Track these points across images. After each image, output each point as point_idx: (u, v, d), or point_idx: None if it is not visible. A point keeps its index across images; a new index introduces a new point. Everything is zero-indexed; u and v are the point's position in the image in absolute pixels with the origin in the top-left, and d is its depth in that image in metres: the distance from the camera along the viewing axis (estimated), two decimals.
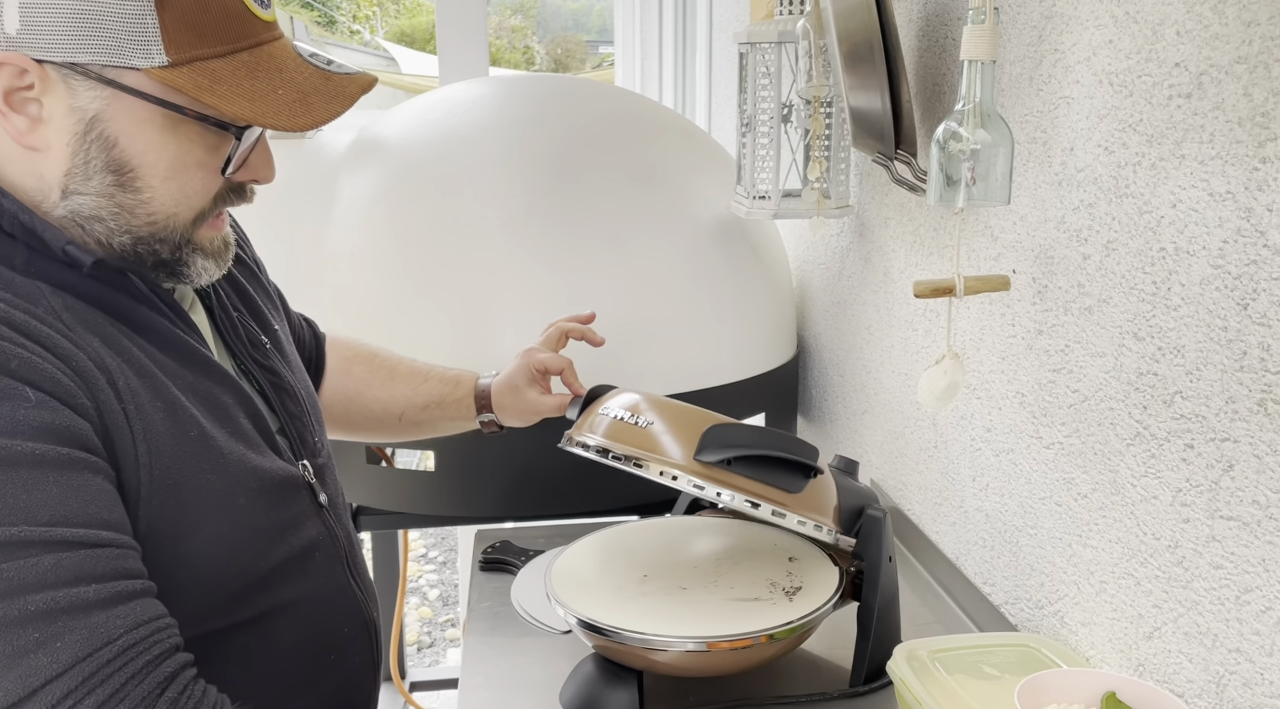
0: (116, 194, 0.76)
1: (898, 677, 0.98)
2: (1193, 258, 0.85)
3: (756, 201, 1.52)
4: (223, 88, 0.74)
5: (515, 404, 1.24)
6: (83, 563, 0.68)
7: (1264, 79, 0.76)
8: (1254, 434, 0.79)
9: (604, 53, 18.77)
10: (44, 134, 0.74)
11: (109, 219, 0.77)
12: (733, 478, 0.96)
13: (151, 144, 0.75)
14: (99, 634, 0.68)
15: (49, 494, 0.68)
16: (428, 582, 4.09)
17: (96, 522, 0.70)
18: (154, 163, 0.76)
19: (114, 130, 0.74)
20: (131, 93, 0.73)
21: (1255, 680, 0.80)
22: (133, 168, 0.75)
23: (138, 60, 0.72)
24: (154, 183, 0.76)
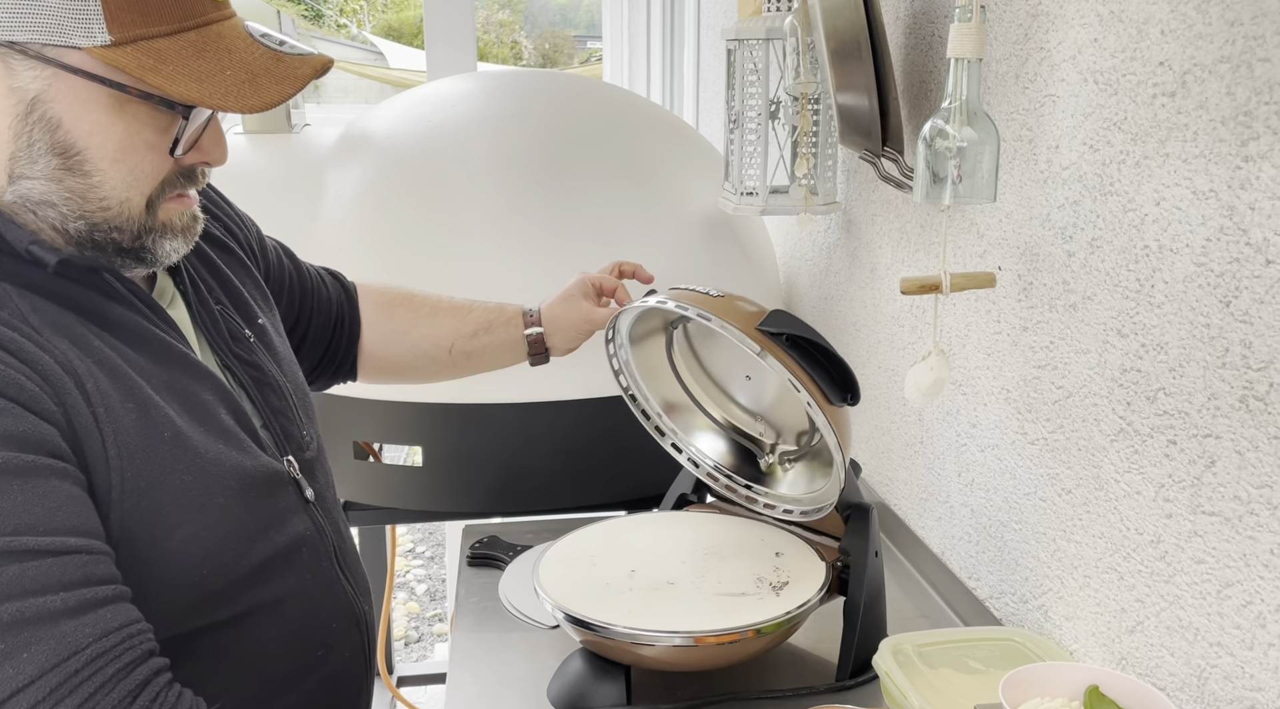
0: (65, 178, 0.74)
1: (883, 671, 0.99)
2: (1176, 255, 0.85)
3: (744, 198, 1.52)
4: (168, 68, 0.72)
5: (568, 314, 1.23)
6: (49, 571, 0.67)
7: (1247, 78, 0.77)
8: (1235, 430, 0.80)
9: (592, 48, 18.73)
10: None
11: (60, 204, 0.75)
12: (785, 356, 0.99)
13: (98, 125, 0.73)
14: (67, 643, 0.66)
15: (13, 502, 0.67)
16: (415, 577, 4.09)
17: (64, 528, 0.68)
18: (101, 145, 0.74)
19: (57, 111, 0.72)
20: (74, 72, 0.71)
21: (1236, 674, 0.81)
22: (79, 151, 0.73)
23: (79, 39, 0.70)
24: (103, 166, 0.74)
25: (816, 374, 1.00)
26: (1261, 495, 0.77)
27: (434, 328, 1.24)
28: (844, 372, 1.01)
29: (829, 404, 1.00)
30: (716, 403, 1.24)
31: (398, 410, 1.50)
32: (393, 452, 1.63)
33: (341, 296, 1.22)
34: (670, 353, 1.23)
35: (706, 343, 1.21)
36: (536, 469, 1.51)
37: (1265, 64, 0.75)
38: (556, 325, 1.24)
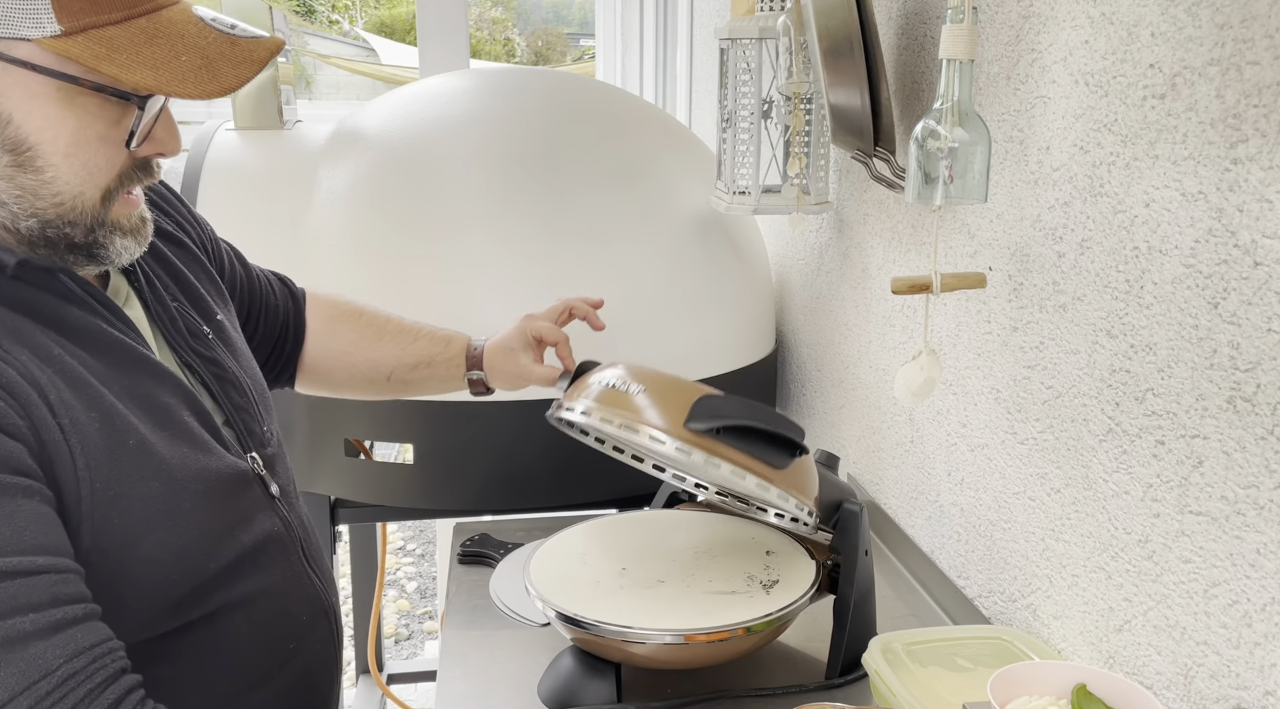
0: (16, 175, 0.72)
1: (873, 669, 0.99)
2: (1165, 257, 0.86)
3: (736, 197, 1.53)
4: (121, 56, 0.70)
5: (506, 367, 1.21)
6: (18, 593, 0.65)
7: (1236, 81, 0.77)
8: (1223, 431, 0.80)
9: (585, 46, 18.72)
10: None
11: (11, 202, 0.73)
12: (720, 448, 0.95)
13: (49, 119, 0.71)
14: (37, 665, 0.65)
15: None
16: (406, 574, 4.08)
17: (31, 547, 0.67)
18: (53, 139, 0.71)
19: (6, 107, 0.70)
20: (23, 65, 0.69)
21: (1222, 673, 0.82)
22: (30, 146, 0.71)
23: (28, 30, 0.67)
24: (55, 161, 0.72)
25: (757, 450, 0.96)
26: (1248, 495, 0.78)
27: (376, 353, 1.22)
28: (784, 434, 0.97)
29: (778, 471, 0.97)
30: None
31: (388, 408, 1.50)
32: (383, 449, 1.63)
33: (289, 304, 1.21)
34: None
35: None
36: (527, 467, 1.51)
37: (1254, 67, 0.75)
38: (494, 372, 1.23)
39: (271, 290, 1.19)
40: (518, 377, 1.21)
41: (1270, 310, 0.75)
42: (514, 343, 1.21)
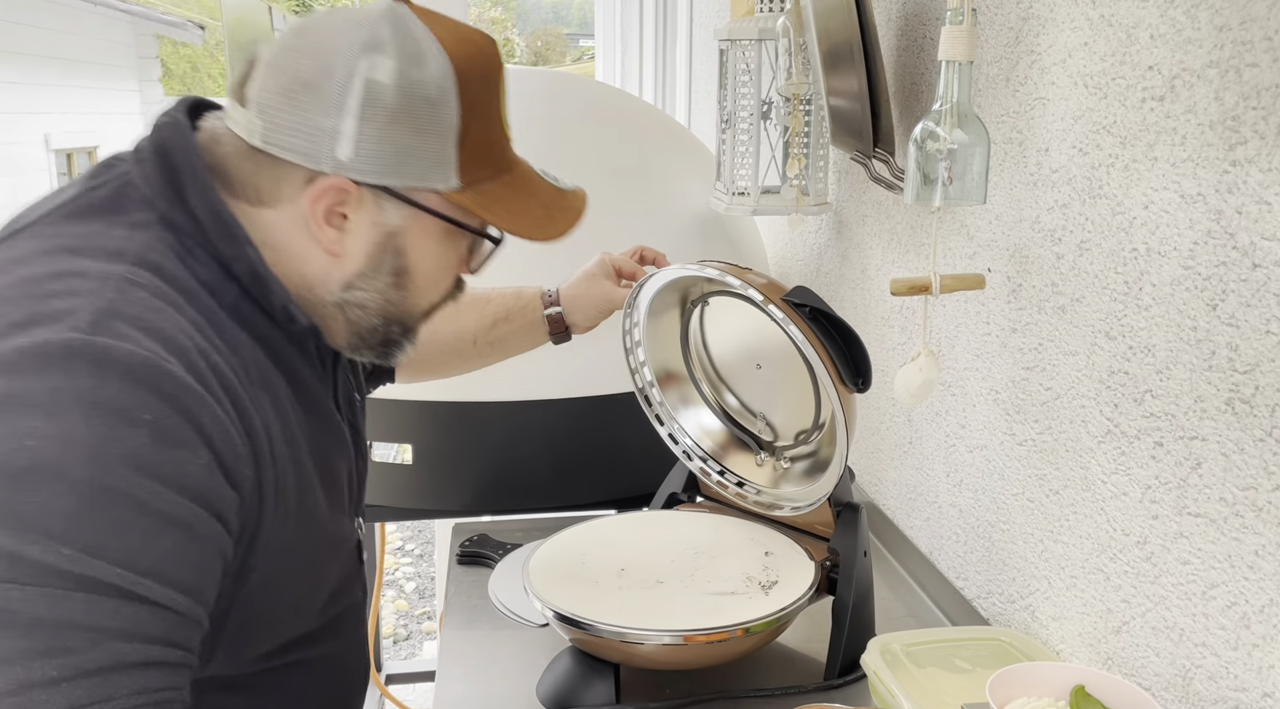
0: (389, 292, 0.85)
1: (871, 670, 0.99)
2: (1164, 259, 0.86)
3: (735, 198, 1.53)
4: (496, 206, 0.84)
5: (589, 293, 1.25)
6: (143, 620, 0.66)
7: (1235, 83, 0.77)
8: (1221, 433, 0.80)
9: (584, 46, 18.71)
10: (346, 243, 0.82)
11: (373, 309, 0.85)
12: (805, 326, 1.01)
13: (428, 252, 0.85)
14: (104, 690, 0.65)
15: (161, 548, 0.67)
16: (404, 575, 4.08)
17: (180, 585, 0.68)
18: (425, 268, 0.85)
19: (406, 242, 0.83)
20: (428, 211, 0.82)
21: (1220, 674, 0.82)
22: (409, 272, 0.85)
23: (438, 184, 0.81)
24: (419, 282, 0.86)
25: (834, 352, 1.01)
26: (1247, 497, 0.78)
27: (456, 323, 1.26)
28: (861, 355, 1.02)
29: (842, 385, 1.01)
30: (719, 393, 1.25)
31: (387, 408, 1.50)
32: (382, 449, 1.63)
33: None
34: (684, 335, 1.23)
35: (720, 329, 1.22)
36: (526, 468, 1.51)
37: (1253, 69, 0.75)
38: (576, 304, 1.25)
39: None
40: (603, 300, 1.24)
41: (1269, 312, 0.75)
42: (594, 271, 1.26)
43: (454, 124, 0.80)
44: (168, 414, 0.68)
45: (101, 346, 0.67)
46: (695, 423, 1.25)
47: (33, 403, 0.64)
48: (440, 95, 0.79)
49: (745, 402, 1.24)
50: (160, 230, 0.77)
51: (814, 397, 1.13)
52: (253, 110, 0.78)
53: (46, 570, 0.63)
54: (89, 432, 0.65)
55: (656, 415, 1.24)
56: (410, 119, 0.78)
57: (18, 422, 0.64)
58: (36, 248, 0.74)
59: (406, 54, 0.78)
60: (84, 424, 0.65)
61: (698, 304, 1.21)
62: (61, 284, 0.70)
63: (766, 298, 1.02)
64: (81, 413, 0.65)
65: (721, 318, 1.21)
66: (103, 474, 0.64)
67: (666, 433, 1.24)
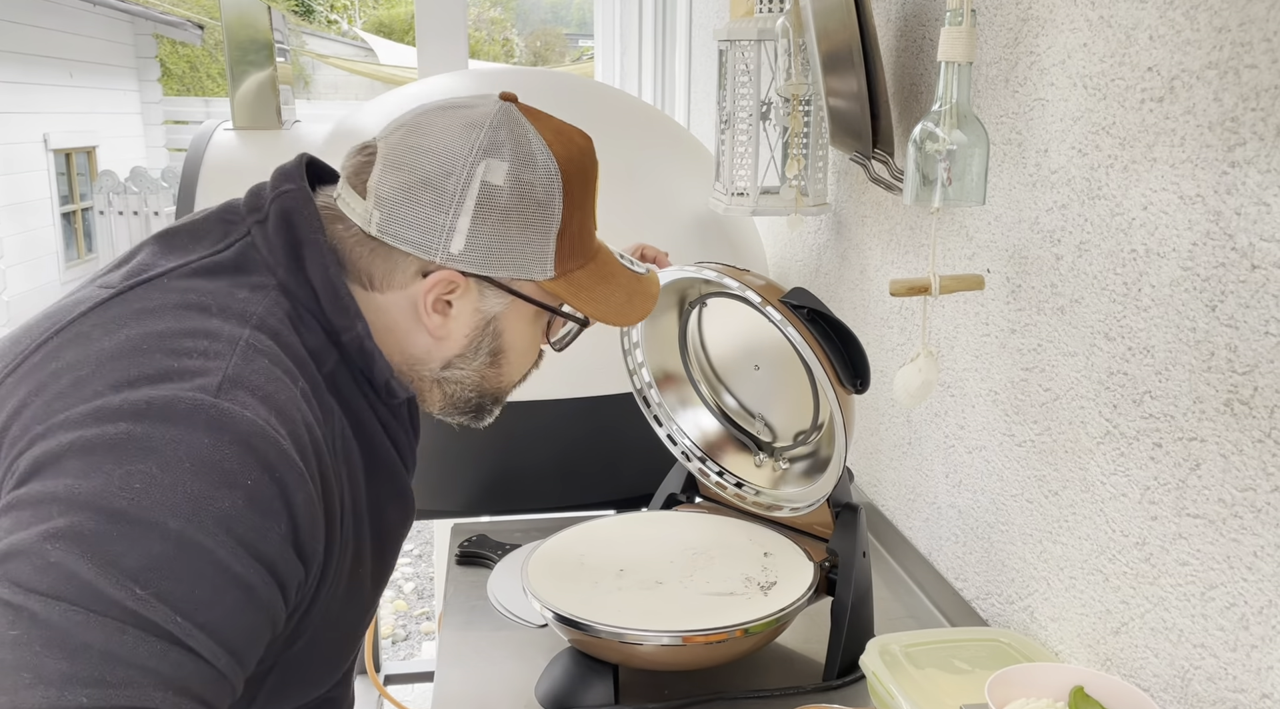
0: (485, 369, 0.90)
1: (870, 671, 0.99)
2: (1163, 260, 0.86)
3: (735, 198, 1.53)
4: (584, 294, 0.89)
5: None
6: (185, 670, 0.67)
7: (1234, 84, 0.77)
8: (1220, 434, 0.80)
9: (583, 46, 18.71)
10: (450, 328, 0.87)
11: (469, 385, 0.90)
12: (803, 328, 1.01)
13: (521, 334, 0.90)
14: None
15: (223, 606, 0.69)
16: (403, 575, 4.08)
17: (230, 646, 0.70)
18: (517, 347, 0.91)
19: (503, 326, 0.88)
20: (525, 299, 0.87)
21: (1219, 675, 0.82)
22: (504, 351, 0.90)
23: (536, 275, 0.85)
24: (513, 359, 0.91)
25: (832, 354, 1.01)
26: (1245, 498, 0.78)
27: None
28: (859, 356, 1.02)
29: (840, 386, 1.01)
30: (717, 394, 1.25)
31: None
32: None
33: None
34: (683, 336, 1.23)
35: (718, 330, 1.22)
36: (526, 468, 1.51)
37: (1252, 70, 0.75)
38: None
39: None
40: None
41: (1268, 313, 0.75)
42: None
43: (557, 221, 0.85)
44: (266, 483, 0.71)
45: (225, 411, 0.71)
46: (694, 424, 1.25)
47: (150, 449, 0.68)
48: (547, 196, 0.84)
49: (744, 402, 1.24)
50: (278, 295, 0.82)
51: (812, 397, 1.13)
52: (371, 201, 0.83)
53: (112, 604, 0.64)
54: (194, 487, 0.68)
55: (655, 416, 1.24)
56: (520, 217, 0.83)
57: (132, 463, 0.67)
58: (168, 301, 0.78)
59: (520, 157, 0.83)
60: (191, 478, 0.68)
61: (696, 305, 1.21)
62: (193, 343, 0.75)
63: (764, 299, 1.02)
64: (192, 467, 0.68)
65: (719, 319, 1.21)
66: (195, 528, 0.67)
67: (665, 433, 1.24)
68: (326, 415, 0.81)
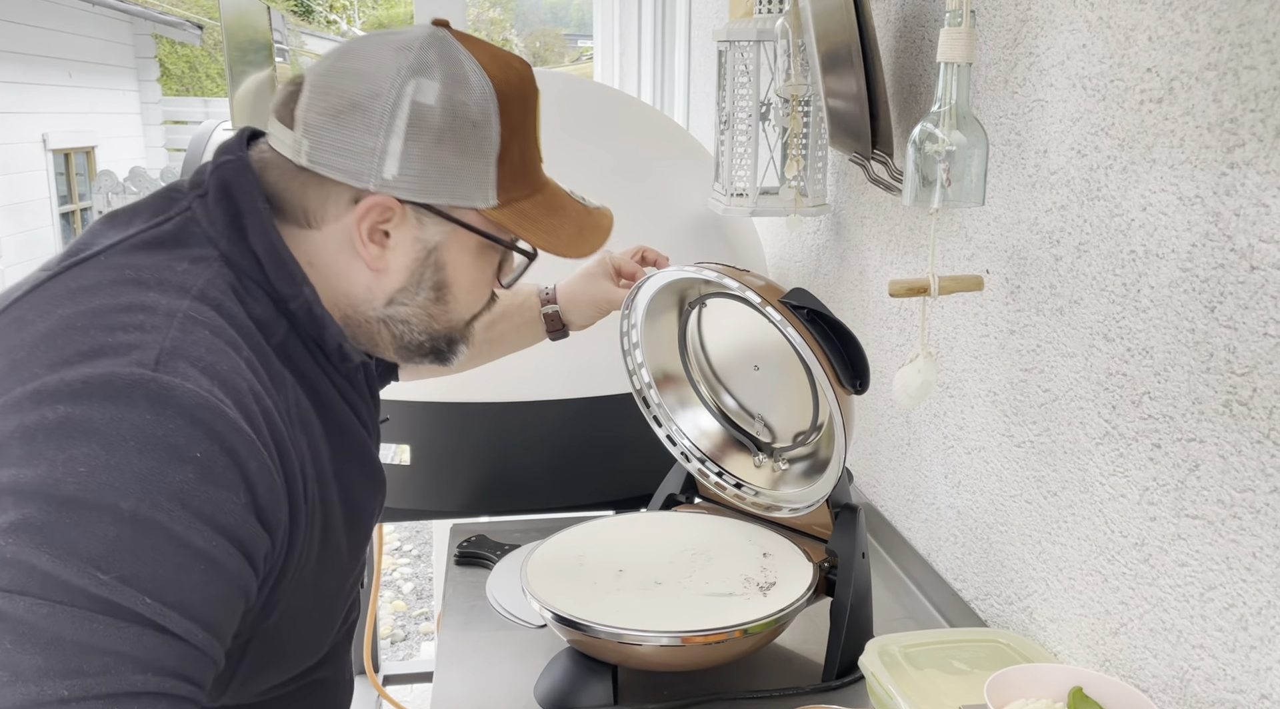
0: (430, 306, 0.88)
1: (869, 671, 0.99)
2: (1162, 261, 0.86)
3: (734, 199, 1.53)
4: (530, 224, 0.86)
5: (587, 290, 1.26)
6: (161, 652, 0.67)
7: (1233, 86, 0.77)
8: (1219, 435, 0.80)
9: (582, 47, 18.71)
10: (388, 259, 0.84)
11: (416, 323, 0.88)
12: (802, 328, 1.01)
13: (466, 268, 0.87)
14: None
15: (190, 582, 0.68)
16: (402, 575, 4.08)
17: (204, 621, 0.69)
18: (463, 281, 0.88)
19: (445, 257, 0.86)
20: (467, 227, 0.85)
21: (1218, 676, 0.82)
22: (449, 285, 0.87)
23: (478, 202, 0.84)
24: (459, 296, 0.88)
25: (832, 354, 1.01)
26: (1244, 499, 0.78)
27: None
28: (858, 356, 1.02)
29: (839, 386, 1.01)
30: (716, 395, 1.25)
31: (386, 409, 1.50)
32: (381, 450, 1.63)
33: None
34: (682, 336, 1.23)
35: (718, 330, 1.22)
36: (525, 469, 1.51)
37: (1251, 72, 0.75)
38: (573, 302, 1.26)
39: None
40: (601, 299, 1.25)
41: (1266, 314, 0.75)
42: (594, 270, 1.27)
43: (495, 144, 0.82)
44: (217, 454, 0.70)
45: (164, 384, 0.69)
46: (693, 424, 1.25)
47: (91, 430, 0.66)
48: (483, 117, 0.81)
49: (743, 403, 1.24)
50: (220, 266, 0.80)
51: (812, 398, 1.13)
52: (299, 130, 0.80)
53: (77, 592, 0.64)
54: (141, 465, 0.66)
55: (654, 417, 1.24)
56: (455, 140, 0.81)
57: (75, 447, 0.65)
58: (104, 278, 0.76)
59: (451, 77, 0.80)
60: (137, 456, 0.66)
61: (695, 306, 1.21)
62: (129, 317, 0.72)
63: (764, 300, 1.02)
64: (137, 445, 0.67)
65: (719, 319, 1.21)
66: (149, 506, 0.66)
67: (664, 434, 1.24)
68: (279, 384, 0.79)
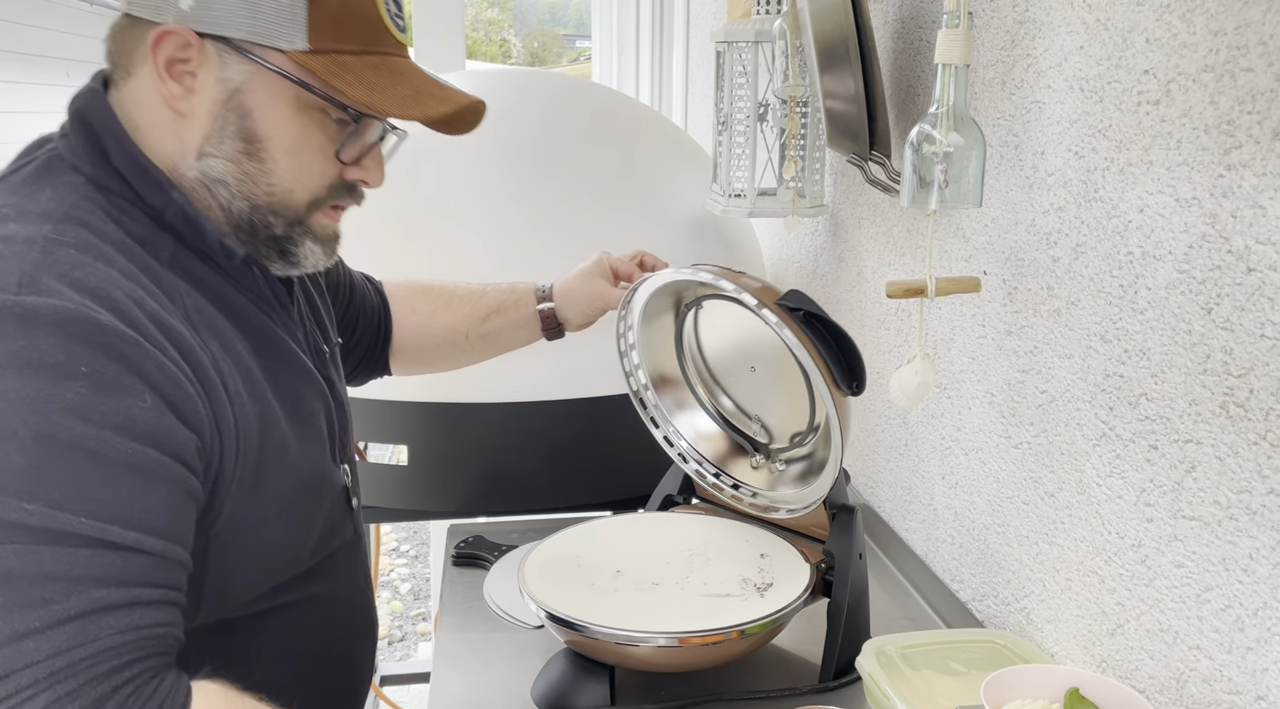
0: (243, 161, 0.83)
1: (867, 672, 0.99)
2: (1159, 262, 0.86)
3: (732, 200, 1.53)
4: (349, 76, 0.81)
5: (583, 289, 1.25)
6: (115, 566, 0.67)
7: (1230, 88, 0.77)
8: (1216, 436, 0.80)
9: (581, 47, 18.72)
10: (192, 102, 0.81)
11: (233, 183, 0.83)
12: (799, 330, 1.00)
13: (281, 119, 0.82)
14: (87, 632, 0.66)
15: (118, 493, 0.68)
16: (399, 576, 4.08)
17: (149, 529, 0.69)
18: (279, 137, 0.83)
19: (251, 102, 0.81)
20: (272, 69, 0.80)
21: (1214, 677, 0.82)
22: (260, 139, 0.82)
23: (283, 43, 0.79)
24: (277, 156, 0.83)
25: (828, 356, 1.01)
26: (1241, 500, 0.78)
27: (450, 316, 1.28)
28: (854, 358, 1.02)
29: (836, 388, 1.01)
30: (713, 396, 1.25)
31: (383, 409, 1.50)
32: (378, 450, 1.63)
33: (378, 300, 1.27)
34: (679, 338, 1.24)
35: (714, 332, 1.22)
36: (522, 469, 1.51)
37: (1248, 74, 0.75)
38: (569, 300, 1.26)
39: (368, 290, 1.26)
40: (597, 298, 1.25)
41: (1263, 316, 0.75)
42: (591, 270, 1.26)
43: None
44: (104, 363, 0.68)
45: (29, 305, 0.68)
46: (690, 426, 1.25)
47: None
48: None
49: (740, 404, 1.24)
50: (89, 190, 0.79)
51: (808, 399, 1.13)
52: None
53: (12, 527, 0.64)
54: (27, 389, 0.66)
55: (651, 418, 1.24)
56: None
57: None
58: None
59: None
60: (20, 382, 0.66)
61: (691, 307, 1.21)
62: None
63: (760, 302, 1.02)
64: (16, 372, 0.66)
65: (715, 321, 1.21)
66: (48, 428, 0.66)
67: (661, 435, 1.24)
68: (170, 292, 0.78)
